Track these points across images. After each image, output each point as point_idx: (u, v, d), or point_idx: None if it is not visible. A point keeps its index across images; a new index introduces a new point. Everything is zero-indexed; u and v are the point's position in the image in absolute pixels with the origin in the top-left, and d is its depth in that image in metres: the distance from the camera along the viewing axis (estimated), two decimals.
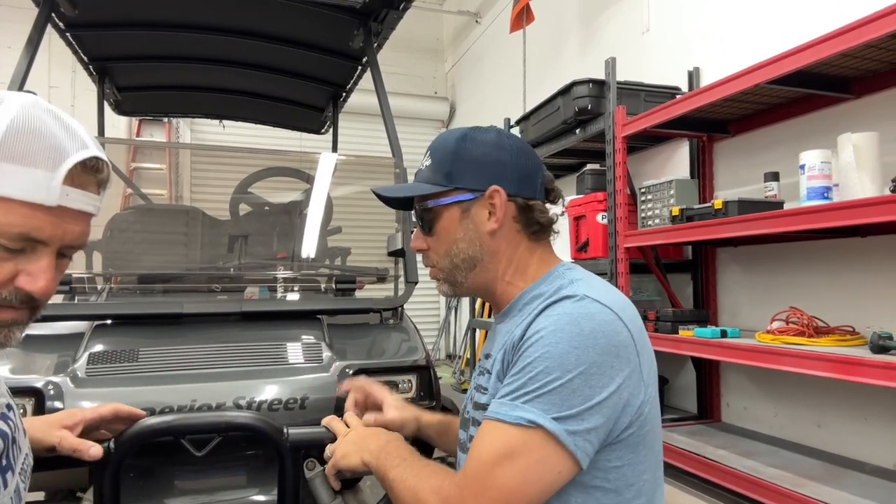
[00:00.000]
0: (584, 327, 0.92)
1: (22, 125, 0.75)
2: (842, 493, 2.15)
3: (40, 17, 2.35)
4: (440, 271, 1.14)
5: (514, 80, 5.59)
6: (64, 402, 1.56)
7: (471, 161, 1.10)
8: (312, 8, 2.59)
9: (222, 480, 1.61)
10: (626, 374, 0.92)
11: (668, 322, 2.86)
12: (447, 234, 1.11)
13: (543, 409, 0.88)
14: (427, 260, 1.17)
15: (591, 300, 0.96)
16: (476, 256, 1.10)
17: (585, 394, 0.89)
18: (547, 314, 0.96)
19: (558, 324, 0.93)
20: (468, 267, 1.11)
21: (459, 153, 1.11)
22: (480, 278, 1.12)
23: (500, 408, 0.93)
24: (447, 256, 1.12)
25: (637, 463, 0.96)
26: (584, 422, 0.88)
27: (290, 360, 1.86)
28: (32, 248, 0.77)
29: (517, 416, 0.89)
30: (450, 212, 1.11)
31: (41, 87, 6.32)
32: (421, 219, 1.15)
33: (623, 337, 0.94)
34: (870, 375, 1.86)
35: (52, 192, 0.75)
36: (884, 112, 2.42)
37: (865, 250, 2.50)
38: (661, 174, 3.54)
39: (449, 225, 1.11)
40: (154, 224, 3.17)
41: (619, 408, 0.91)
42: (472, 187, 1.09)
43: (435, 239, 1.13)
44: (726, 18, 3.27)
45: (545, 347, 0.91)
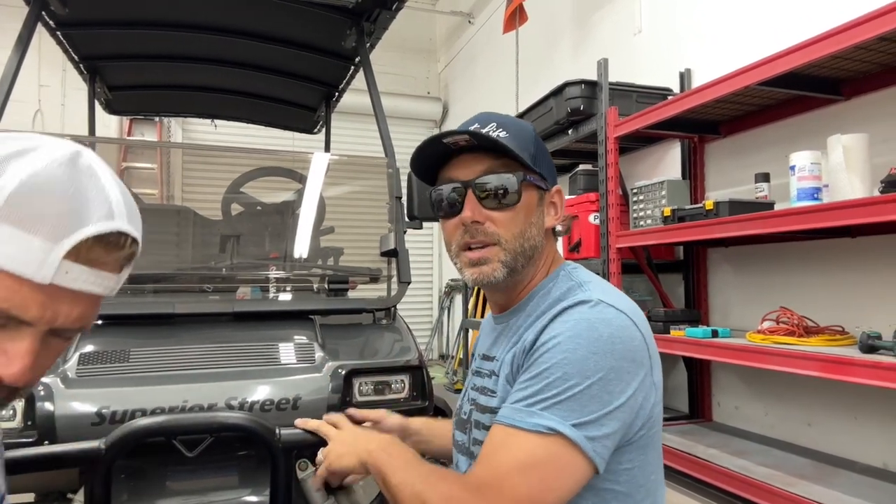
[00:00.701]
0: (602, 333, 0.90)
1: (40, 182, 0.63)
2: (832, 491, 2.17)
3: (30, 15, 2.33)
4: (504, 251, 1.01)
5: (507, 81, 5.60)
6: (54, 403, 1.55)
7: (545, 153, 1.07)
8: (305, 7, 2.58)
9: (214, 481, 1.61)
10: (641, 378, 0.92)
11: (660, 322, 2.88)
12: (526, 214, 1.03)
13: (562, 416, 0.87)
14: (484, 235, 1.02)
15: (606, 305, 0.94)
16: (538, 247, 1.05)
17: (604, 399, 0.88)
18: (563, 319, 0.94)
19: (576, 329, 0.91)
20: (530, 255, 1.04)
21: (538, 141, 1.07)
22: (528, 271, 1.06)
23: (516, 414, 0.90)
24: (519, 238, 1.02)
25: (646, 464, 0.96)
26: (603, 427, 0.87)
27: (282, 360, 1.85)
28: (15, 325, 0.66)
29: (535, 424, 0.87)
30: (531, 193, 1.04)
31: (31, 86, 6.27)
32: (500, 189, 1.01)
33: (638, 342, 0.93)
34: (859, 375, 1.88)
35: (46, 268, 0.63)
36: (873, 114, 2.44)
37: (855, 251, 2.52)
38: (653, 175, 3.56)
39: (529, 205, 1.04)
40: (145, 224, 3.14)
41: (634, 411, 0.91)
42: (548, 179, 1.06)
43: (507, 215, 1.01)
44: (718, 20, 3.29)
45: (563, 353, 0.89)
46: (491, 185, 1.01)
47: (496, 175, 1.01)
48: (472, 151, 1.03)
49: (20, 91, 2.61)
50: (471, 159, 1.03)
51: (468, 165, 1.03)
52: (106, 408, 1.57)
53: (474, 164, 1.03)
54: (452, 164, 1.06)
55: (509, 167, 1.02)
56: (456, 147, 1.03)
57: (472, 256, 1.03)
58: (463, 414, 1.14)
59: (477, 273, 1.02)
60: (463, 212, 1.02)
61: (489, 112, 1.08)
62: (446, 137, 1.01)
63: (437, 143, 1.03)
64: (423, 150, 1.04)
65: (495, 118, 1.05)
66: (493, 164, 1.02)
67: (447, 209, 1.05)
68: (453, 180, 1.04)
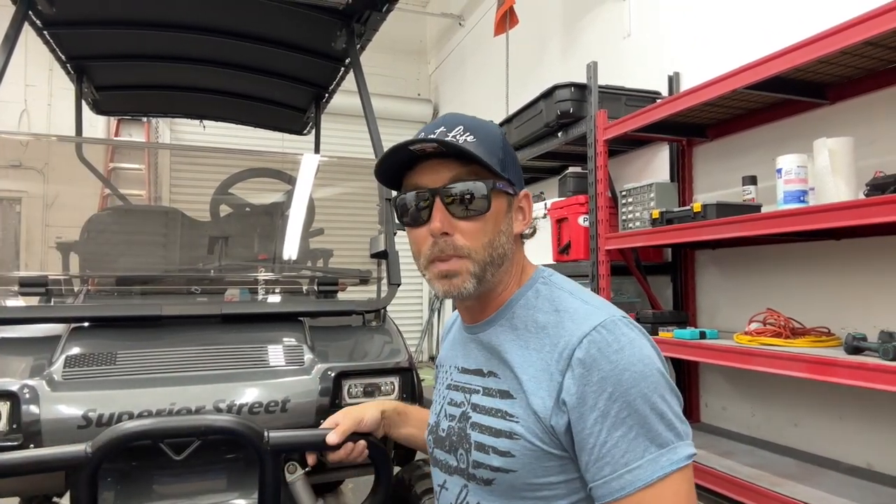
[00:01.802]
0: (643, 349, 0.91)
1: None
2: (817, 491, 2.19)
3: (17, 14, 2.30)
4: (474, 263, 0.98)
5: (498, 83, 5.61)
6: (40, 406, 1.53)
7: (512, 157, 1.04)
8: (295, 8, 2.57)
9: (202, 484, 1.59)
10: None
11: (648, 323, 2.89)
12: (495, 222, 0.99)
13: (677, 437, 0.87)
14: (453, 249, 0.98)
15: (624, 319, 0.95)
16: (507, 255, 1.02)
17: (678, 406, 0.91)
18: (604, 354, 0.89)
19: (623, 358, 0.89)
20: (499, 264, 1.00)
21: (506, 146, 1.03)
22: (498, 279, 1.02)
23: (640, 472, 0.84)
24: (488, 248, 0.99)
25: None
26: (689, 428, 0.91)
27: (270, 362, 1.84)
28: None
29: (673, 461, 0.85)
30: (500, 199, 1.00)
31: (18, 86, 6.22)
32: (467, 196, 0.97)
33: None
34: (844, 376, 1.90)
35: None
36: (858, 117, 2.47)
37: (841, 253, 2.55)
38: (642, 177, 3.58)
39: (498, 213, 1.00)
40: (132, 225, 3.12)
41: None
42: (515, 184, 1.03)
43: (475, 225, 0.98)
44: (706, 24, 3.32)
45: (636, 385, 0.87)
46: (459, 193, 0.97)
47: (464, 182, 0.97)
48: (439, 157, 0.99)
49: (6, 91, 2.59)
50: (438, 165, 0.99)
51: (435, 171, 0.99)
52: (92, 411, 1.55)
53: (441, 170, 0.99)
54: (418, 170, 1.01)
55: (478, 174, 0.98)
56: (422, 153, 0.99)
57: (441, 268, 1.00)
58: (442, 431, 1.09)
59: (447, 285, 0.99)
60: (431, 222, 0.98)
61: (455, 114, 1.05)
62: (413, 145, 0.97)
63: (402, 151, 0.99)
64: (388, 157, 1.01)
65: (462, 121, 1.01)
66: (461, 170, 0.98)
67: (413, 217, 1.01)
68: (419, 187, 1.00)
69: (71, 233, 2.93)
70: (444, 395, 1.13)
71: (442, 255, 0.99)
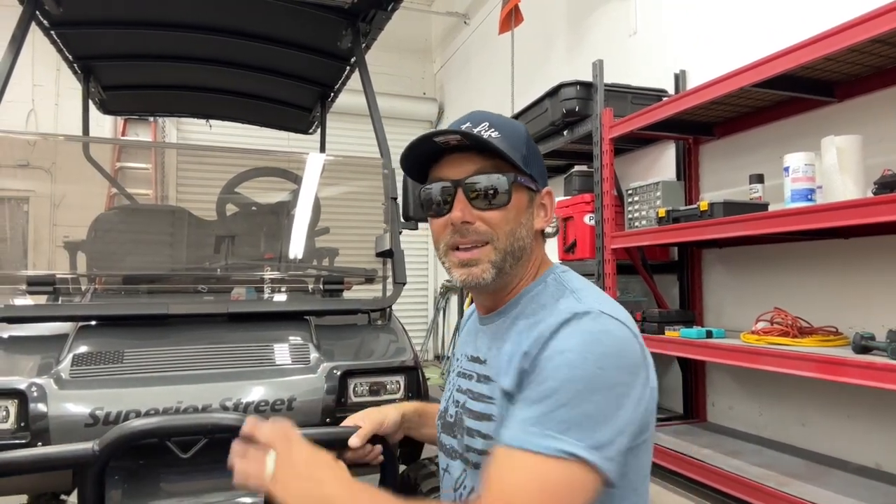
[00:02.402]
0: (608, 347, 0.89)
1: None
2: (825, 491, 2.18)
3: (24, 15, 2.31)
4: (495, 251, 1.01)
5: (503, 82, 5.60)
6: (48, 405, 1.54)
7: (536, 154, 1.07)
8: (300, 8, 2.58)
9: (208, 482, 1.60)
10: (643, 386, 0.91)
11: (655, 322, 2.88)
12: (516, 214, 1.02)
13: (577, 438, 0.84)
14: (476, 235, 1.01)
15: (608, 317, 0.93)
16: (526, 248, 1.04)
17: (617, 415, 0.86)
18: (567, 333, 0.91)
19: (581, 344, 0.89)
20: (518, 256, 1.03)
21: (530, 143, 1.06)
22: (515, 272, 1.05)
23: (526, 436, 0.86)
24: (509, 237, 1.01)
25: (640, 468, 0.96)
26: (615, 445, 0.86)
27: (277, 361, 1.85)
28: None
29: (551, 448, 0.84)
30: (521, 194, 1.03)
31: (25, 85, 6.25)
32: (489, 188, 1.00)
33: (637, 350, 0.93)
34: (852, 375, 1.89)
35: None
36: (866, 115, 2.45)
37: (849, 252, 2.53)
38: (648, 176, 3.57)
39: (519, 206, 1.03)
40: (139, 224, 3.14)
41: (640, 421, 0.91)
42: (538, 180, 1.06)
43: (496, 215, 1.00)
44: (713, 22, 3.30)
45: (572, 371, 0.87)
46: (481, 185, 1.00)
47: (486, 175, 1.00)
48: (463, 151, 1.02)
49: (14, 91, 2.60)
50: (462, 158, 1.02)
51: (459, 165, 1.02)
52: (100, 409, 1.56)
53: (465, 163, 1.02)
54: (443, 163, 1.05)
55: (500, 168, 1.01)
56: (447, 146, 1.02)
57: (461, 257, 1.02)
58: (449, 417, 1.12)
59: (466, 274, 1.02)
60: (452, 211, 1.01)
61: (482, 111, 1.07)
62: (438, 136, 1.00)
63: (428, 142, 1.01)
64: (414, 148, 1.03)
65: (488, 117, 1.04)
66: (484, 164, 1.01)
67: (436, 208, 1.04)
68: (443, 179, 1.03)
69: (78, 232, 2.95)
70: (454, 382, 1.16)
71: (462, 240, 1.01)
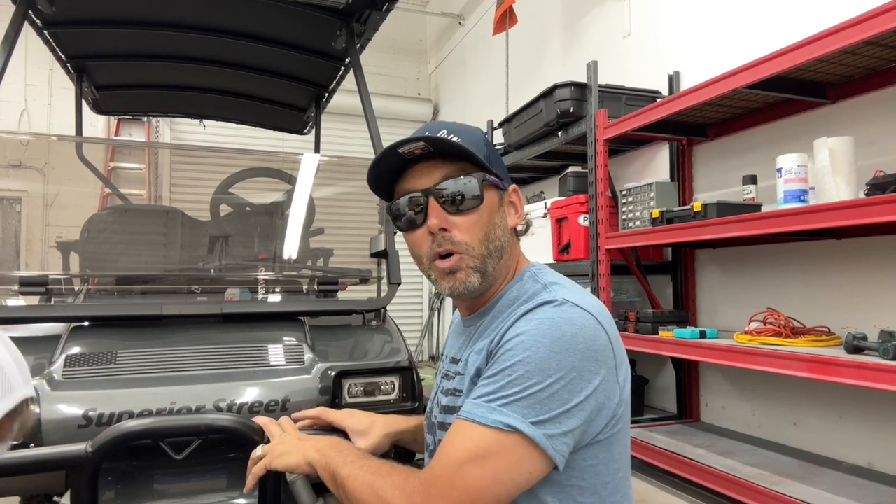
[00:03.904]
0: (566, 332, 0.91)
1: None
2: (817, 490, 2.19)
3: (17, 14, 2.30)
4: (473, 257, 1.01)
5: (498, 83, 5.61)
6: (40, 406, 1.53)
7: (496, 154, 1.08)
8: (295, 8, 2.57)
9: (202, 484, 1.59)
10: (603, 376, 0.92)
11: (648, 323, 2.89)
12: (489, 215, 1.02)
13: (522, 414, 0.87)
14: (451, 244, 1.01)
15: (571, 304, 0.95)
16: (504, 247, 1.05)
17: (564, 398, 0.88)
18: (527, 318, 0.94)
19: (540, 328, 0.92)
20: (498, 256, 1.03)
21: (489, 143, 1.07)
22: (498, 272, 1.05)
23: (476, 409, 0.90)
24: (484, 241, 1.01)
25: (611, 461, 0.97)
26: (562, 425, 0.88)
27: (271, 362, 1.84)
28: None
29: (495, 420, 0.88)
30: (492, 193, 1.04)
31: (18, 85, 6.21)
32: (459, 193, 1.00)
33: (602, 341, 0.94)
34: (844, 375, 1.90)
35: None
36: (859, 117, 2.47)
37: (841, 252, 2.55)
38: (642, 177, 3.58)
39: (492, 206, 1.03)
40: (133, 224, 3.12)
41: (595, 410, 0.92)
42: (503, 179, 1.07)
43: (471, 219, 1.01)
44: (706, 23, 3.32)
45: (526, 352, 0.90)
46: (451, 190, 1.00)
47: (455, 179, 1.00)
48: (427, 159, 1.02)
49: (6, 90, 2.59)
50: (427, 167, 1.02)
51: (426, 174, 1.02)
52: (92, 410, 1.55)
53: (432, 171, 1.01)
54: (408, 176, 1.04)
55: (467, 170, 1.01)
56: (411, 156, 1.01)
57: (444, 266, 1.02)
58: (433, 417, 1.13)
59: (452, 282, 1.02)
60: (428, 220, 1.00)
61: (436, 121, 1.10)
62: (402, 146, 0.99)
63: (392, 154, 1.01)
64: (380, 162, 1.03)
65: (444, 126, 1.03)
66: (451, 168, 1.01)
67: (408, 222, 1.04)
68: (412, 191, 1.03)
69: (71, 232, 2.93)
70: (439, 384, 1.17)
71: (441, 249, 1.01)
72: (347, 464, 0.99)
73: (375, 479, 0.93)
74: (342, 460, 1.00)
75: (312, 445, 1.07)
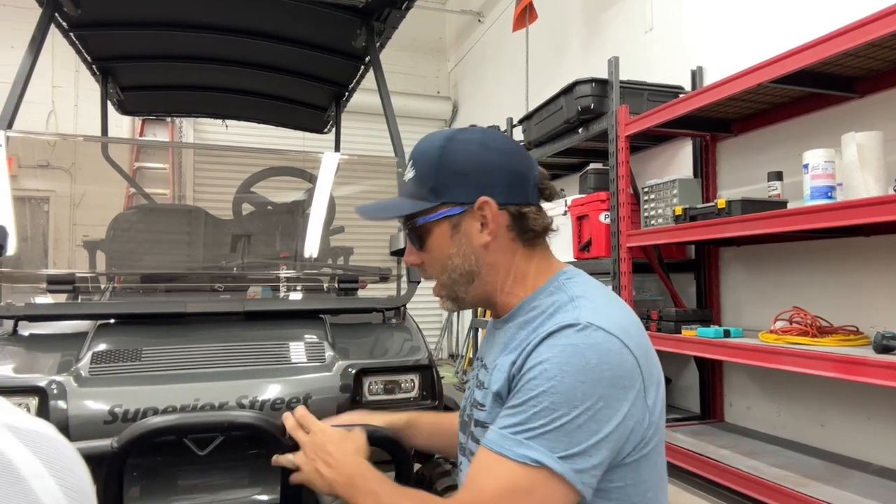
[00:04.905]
0: (591, 359, 0.88)
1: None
2: (845, 492, 2.15)
3: (43, 17, 2.35)
4: (440, 286, 1.10)
5: (517, 80, 5.59)
6: (67, 402, 1.56)
7: (455, 172, 1.03)
8: (315, 7, 2.59)
9: (225, 480, 1.61)
10: (631, 401, 0.90)
11: (671, 322, 2.86)
12: (440, 250, 1.06)
13: (549, 448, 0.85)
14: (424, 274, 1.14)
15: (595, 328, 0.91)
16: (473, 270, 1.05)
17: (592, 429, 0.86)
18: (550, 344, 0.92)
19: (563, 356, 0.89)
20: (466, 281, 1.06)
21: (443, 164, 1.03)
22: (479, 291, 1.07)
23: (503, 441, 0.89)
24: (444, 272, 1.07)
25: (640, 482, 0.95)
26: (591, 458, 0.86)
27: (292, 359, 1.86)
28: None
29: (522, 455, 0.86)
30: (440, 228, 1.05)
31: (44, 87, 6.33)
32: (410, 236, 1.10)
33: (629, 366, 0.91)
34: (873, 375, 1.86)
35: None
36: (888, 111, 2.41)
37: (869, 250, 2.49)
38: (664, 173, 3.54)
39: (440, 241, 1.06)
40: (157, 223, 3.17)
41: (624, 437, 0.90)
42: (460, 200, 1.03)
43: (428, 255, 1.09)
44: (730, 17, 3.27)
45: (550, 382, 0.88)
46: (406, 235, 1.13)
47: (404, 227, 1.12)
48: None
49: (34, 92, 2.64)
50: None
51: None
52: (118, 406, 1.58)
53: None
54: None
55: (407, 218, 1.08)
56: None
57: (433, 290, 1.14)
58: (466, 417, 1.14)
59: (440, 303, 1.14)
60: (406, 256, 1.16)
61: (422, 142, 1.10)
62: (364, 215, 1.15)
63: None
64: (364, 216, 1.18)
65: (415, 152, 1.09)
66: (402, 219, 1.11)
67: None
68: None
69: (97, 231, 2.99)
70: (472, 383, 1.17)
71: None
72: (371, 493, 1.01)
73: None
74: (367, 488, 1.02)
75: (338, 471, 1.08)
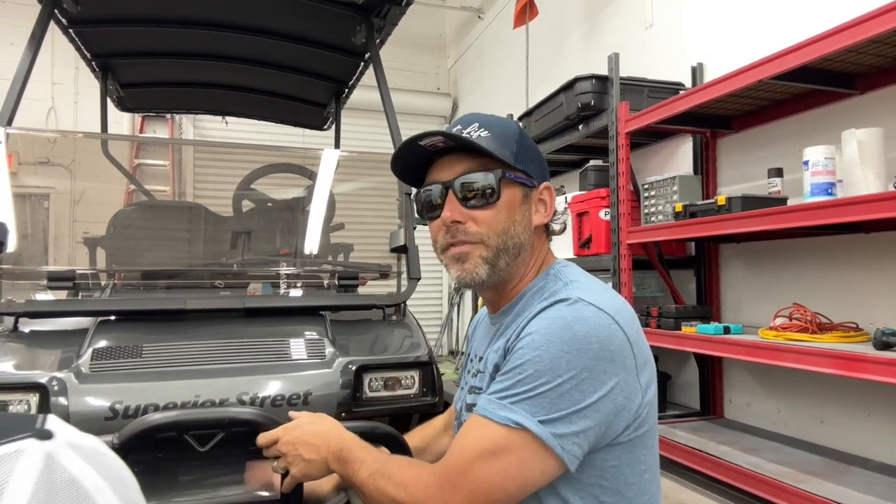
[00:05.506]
0: (578, 331, 0.90)
1: None
2: (844, 489, 2.15)
3: (43, 13, 2.34)
4: (487, 248, 1.02)
5: (517, 76, 5.58)
6: (68, 398, 1.57)
7: (530, 150, 1.08)
8: (315, 4, 2.59)
9: (226, 476, 1.62)
10: (620, 377, 0.91)
11: (671, 318, 2.86)
12: (508, 211, 1.03)
13: (530, 412, 0.88)
14: (464, 236, 1.03)
15: (585, 303, 0.94)
16: (523, 245, 1.05)
17: (575, 398, 0.88)
18: (541, 317, 0.95)
19: (551, 327, 0.92)
20: (515, 254, 1.04)
21: (523, 139, 1.07)
22: (514, 269, 1.06)
23: (489, 405, 0.92)
24: (502, 235, 1.02)
25: (636, 463, 0.96)
26: (572, 425, 0.88)
27: (293, 356, 1.86)
28: None
29: (504, 417, 0.89)
30: (513, 190, 1.04)
31: (44, 83, 6.32)
32: (480, 188, 1.02)
33: (619, 342, 0.92)
34: (873, 372, 1.86)
35: None
36: (888, 108, 2.41)
37: (869, 246, 2.49)
38: (665, 170, 3.54)
39: (511, 203, 1.04)
40: (157, 220, 3.17)
41: (612, 412, 0.91)
42: (533, 176, 1.07)
43: (486, 214, 1.02)
44: (730, 13, 3.26)
45: (536, 351, 0.90)
46: (469, 185, 1.03)
47: (473, 174, 1.03)
48: (453, 152, 1.05)
49: (33, 89, 2.64)
50: (452, 160, 1.05)
51: (449, 167, 1.06)
52: (119, 403, 1.58)
53: (455, 164, 1.05)
54: (436, 166, 1.08)
55: (488, 166, 1.03)
56: (434, 149, 1.05)
57: (454, 252, 1.05)
58: (463, 417, 1.14)
59: (461, 270, 1.04)
60: (443, 212, 1.04)
61: (475, 113, 1.09)
62: (422, 140, 1.03)
63: (414, 146, 1.04)
64: (402, 153, 1.07)
65: (478, 118, 1.06)
66: (472, 163, 1.03)
67: (430, 211, 1.08)
68: (434, 182, 1.07)
69: (98, 228, 2.98)
70: (463, 380, 1.19)
71: (452, 241, 1.05)
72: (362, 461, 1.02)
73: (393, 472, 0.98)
74: (356, 456, 1.04)
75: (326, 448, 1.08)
